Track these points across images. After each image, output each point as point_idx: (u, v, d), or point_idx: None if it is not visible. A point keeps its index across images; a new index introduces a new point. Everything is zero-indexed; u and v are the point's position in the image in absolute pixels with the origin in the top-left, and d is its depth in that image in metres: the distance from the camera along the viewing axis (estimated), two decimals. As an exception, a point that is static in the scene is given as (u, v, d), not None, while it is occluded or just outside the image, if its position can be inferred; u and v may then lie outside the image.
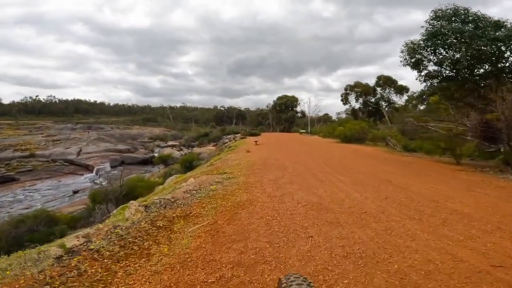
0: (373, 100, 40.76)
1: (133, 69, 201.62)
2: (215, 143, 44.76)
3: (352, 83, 40.84)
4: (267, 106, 60.61)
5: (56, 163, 48.13)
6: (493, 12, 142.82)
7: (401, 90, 39.96)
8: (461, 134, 16.40)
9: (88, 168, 46.38)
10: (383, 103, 39.51)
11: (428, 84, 13.69)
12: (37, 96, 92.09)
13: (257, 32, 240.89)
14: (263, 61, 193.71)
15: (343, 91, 40.24)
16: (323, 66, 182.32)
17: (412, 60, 13.37)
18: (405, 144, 18.29)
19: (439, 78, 13.10)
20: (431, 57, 13.20)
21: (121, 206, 12.83)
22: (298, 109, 55.65)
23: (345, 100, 40.45)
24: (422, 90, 48.94)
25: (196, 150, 43.83)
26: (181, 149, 50.61)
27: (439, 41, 12.57)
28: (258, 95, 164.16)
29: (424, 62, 13.23)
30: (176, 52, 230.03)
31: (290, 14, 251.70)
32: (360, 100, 41.19)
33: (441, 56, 12.69)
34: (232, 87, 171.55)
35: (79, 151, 52.28)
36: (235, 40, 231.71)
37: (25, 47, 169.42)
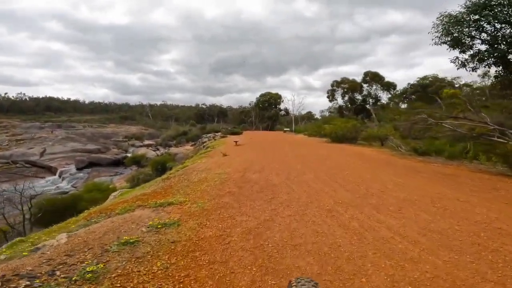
0: (359, 97, 37.10)
1: (111, 66, 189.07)
2: (193, 143, 39.79)
3: (338, 79, 36.92)
4: (249, 104, 56.09)
5: (17, 165, 41.83)
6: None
7: (389, 87, 36.49)
8: (484, 134, 12.55)
9: (51, 171, 40.30)
10: (370, 100, 35.89)
11: (472, 67, 9.55)
12: (6, 93, 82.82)
13: (239, 31, 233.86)
14: (246, 60, 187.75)
15: (330, 87, 36.21)
16: (304, 65, 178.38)
17: (449, 38, 9.20)
18: (415, 146, 14.29)
19: (492, 59, 8.99)
20: (475, 34, 9.09)
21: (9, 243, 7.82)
22: (282, 106, 51.40)
23: (331, 96, 36.48)
24: (404, 87, 46.02)
25: (173, 150, 38.77)
26: (157, 149, 45.24)
27: (490, 14, 8.48)
28: (241, 94, 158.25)
29: (467, 40, 9.09)
30: (157, 50, 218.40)
31: (272, 13, 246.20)
32: (346, 97, 37.36)
33: (493, 33, 8.59)
34: (215, 85, 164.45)
35: (42, 152, 45.81)
36: (218, 39, 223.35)
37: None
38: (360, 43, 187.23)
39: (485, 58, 8.91)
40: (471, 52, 9.09)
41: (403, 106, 47.08)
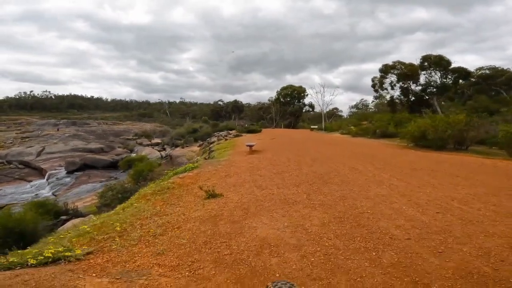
0: (416, 87, 25.41)
1: (134, 65, 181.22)
2: (201, 142, 29.90)
3: (390, 63, 25.24)
4: (269, 100, 45.41)
5: (11, 165, 33.62)
6: (496, 11, 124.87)
7: (459, 74, 24.54)
8: None
9: (42, 173, 31.69)
10: (434, 90, 24.16)
11: None
12: (31, 91, 77.50)
13: (257, 29, 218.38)
14: (264, 58, 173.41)
15: (379, 73, 24.72)
16: (324, 62, 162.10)
17: None
18: None
19: None
20: None
21: None
22: (306, 101, 40.20)
23: (379, 85, 25.00)
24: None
25: (175, 151, 29.08)
26: (164, 149, 35.87)
27: None
28: (260, 91, 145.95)
29: None
30: (177, 48, 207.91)
31: (291, 11, 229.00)
32: (397, 86, 25.77)
33: None
34: (233, 83, 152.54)
35: (40, 151, 37.57)
36: (236, 37, 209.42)
37: (26, 44, 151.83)
38: (382, 40, 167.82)
39: None
40: None
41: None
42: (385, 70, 24.42)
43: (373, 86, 25.63)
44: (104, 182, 25.58)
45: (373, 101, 45.43)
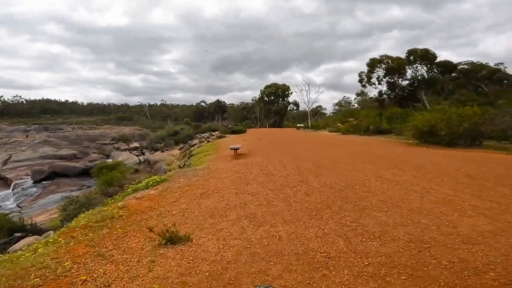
0: (403, 81, 24.42)
1: (112, 68, 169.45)
2: (183, 145, 27.48)
3: (377, 56, 23.99)
4: (252, 100, 43.40)
5: (-26, 176, 29.61)
6: (466, 8, 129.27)
7: (445, 67, 23.78)
8: None
9: (8, 183, 28.02)
10: (423, 85, 23.24)
11: None
12: (1, 96, 70.84)
13: (240, 29, 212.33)
14: (247, 58, 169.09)
15: (366, 68, 23.42)
16: (306, 61, 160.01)
17: None
18: None
19: None
20: None
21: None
22: (290, 99, 38.55)
23: (367, 79, 23.66)
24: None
25: (154, 156, 26.55)
26: (143, 153, 32.97)
27: None
28: (243, 92, 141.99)
29: None
30: (158, 50, 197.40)
31: (272, 10, 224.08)
32: (384, 81, 24.66)
33: None
34: (216, 84, 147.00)
35: (6, 159, 33.71)
36: (218, 37, 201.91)
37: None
38: (361, 38, 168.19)
39: None
40: None
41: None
42: (372, 64, 23.20)
43: (360, 81, 24.43)
44: (76, 191, 22.61)
45: (355, 98, 44.81)
